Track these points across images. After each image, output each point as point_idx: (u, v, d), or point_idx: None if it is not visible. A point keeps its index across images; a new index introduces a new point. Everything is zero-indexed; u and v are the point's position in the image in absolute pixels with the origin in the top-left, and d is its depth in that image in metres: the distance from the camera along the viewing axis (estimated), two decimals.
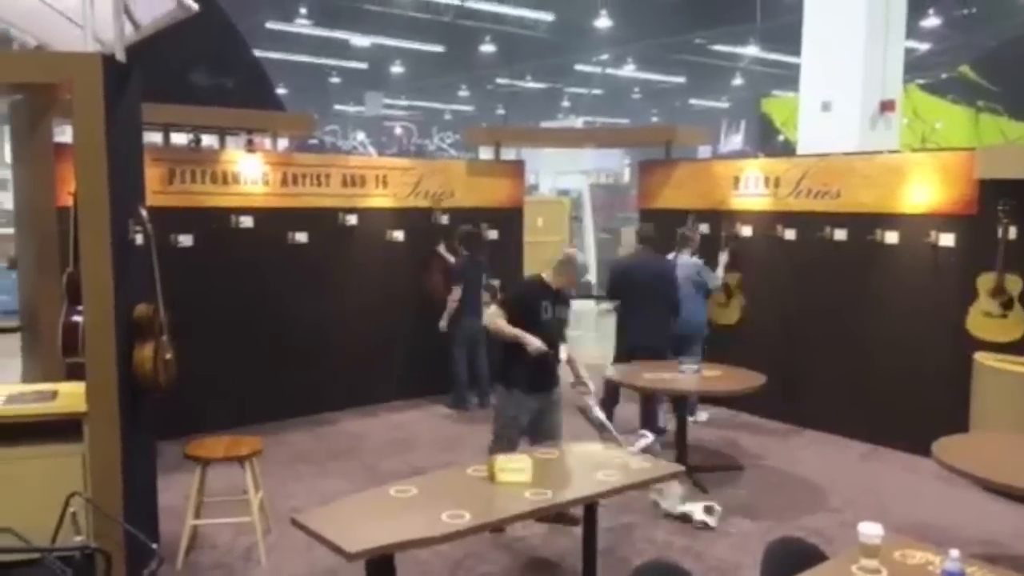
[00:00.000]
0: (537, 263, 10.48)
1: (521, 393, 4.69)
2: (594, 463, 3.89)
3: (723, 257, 7.15)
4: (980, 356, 5.66)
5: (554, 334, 4.74)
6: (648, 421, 6.24)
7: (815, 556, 2.85)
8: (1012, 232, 5.59)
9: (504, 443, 4.64)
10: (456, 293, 7.13)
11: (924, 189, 6.21)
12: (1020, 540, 4.76)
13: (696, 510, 4.89)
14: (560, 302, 4.81)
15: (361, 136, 25.59)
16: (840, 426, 6.58)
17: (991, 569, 2.66)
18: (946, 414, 5.61)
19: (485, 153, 10.01)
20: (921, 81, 14.49)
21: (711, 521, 4.85)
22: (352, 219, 7.16)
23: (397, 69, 22.07)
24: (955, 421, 5.45)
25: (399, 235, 7.44)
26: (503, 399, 4.78)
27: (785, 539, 3.00)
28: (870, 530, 2.76)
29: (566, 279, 4.79)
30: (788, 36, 11.63)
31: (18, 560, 3.19)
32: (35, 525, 2.81)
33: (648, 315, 6.31)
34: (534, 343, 4.53)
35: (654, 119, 29.33)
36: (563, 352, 4.83)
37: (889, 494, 5.44)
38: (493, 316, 4.67)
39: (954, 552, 2.45)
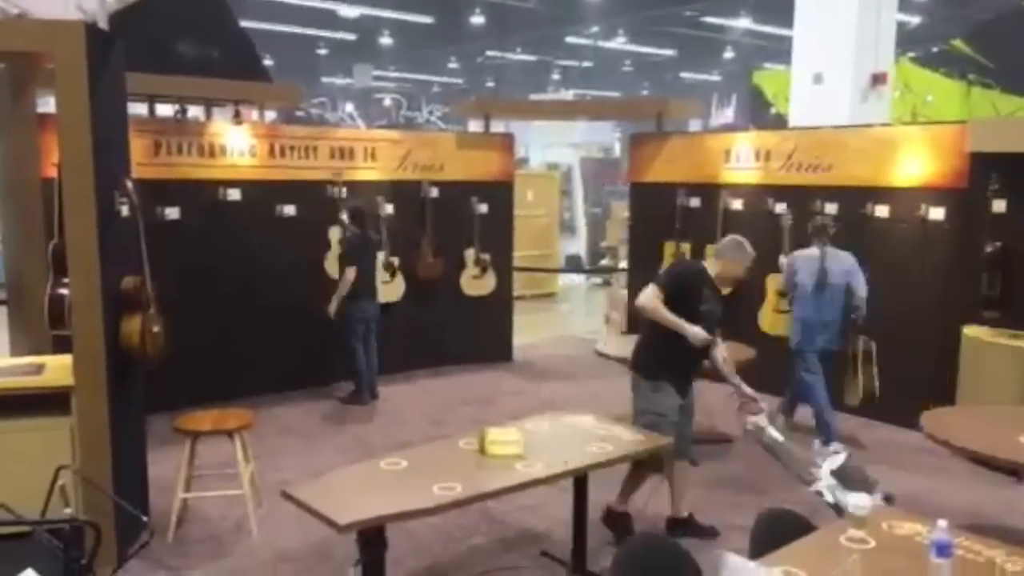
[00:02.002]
0: (527, 237, 10.55)
1: (670, 387, 4.22)
2: (586, 435, 3.89)
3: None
4: (968, 329, 5.69)
5: (712, 329, 4.22)
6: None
7: (804, 527, 2.87)
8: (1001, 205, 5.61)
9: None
10: (351, 274, 6.48)
11: (915, 162, 6.20)
12: (1006, 511, 4.81)
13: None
14: (717, 295, 4.28)
15: (349, 108, 25.38)
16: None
17: (977, 539, 2.68)
18: (935, 387, 5.65)
19: (475, 126, 9.95)
20: (912, 54, 14.45)
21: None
22: (342, 191, 7.10)
23: (386, 40, 21.81)
24: (944, 394, 5.49)
25: (388, 208, 7.39)
26: (646, 394, 4.23)
27: (774, 510, 3.02)
28: (858, 501, 2.78)
29: (731, 268, 4.24)
30: (780, 8, 11.56)
31: (7, 533, 3.19)
32: (24, 498, 2.80)
33: None
34: (698, 332, 4.06)
35: (645, 92, 29.17)
36: (720, 352, 4.35)
37: (877, 466, 5.47)
38: (652, 297, 4.09)
39: (942, 522, 2.46)
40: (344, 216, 6.84)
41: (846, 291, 5.65)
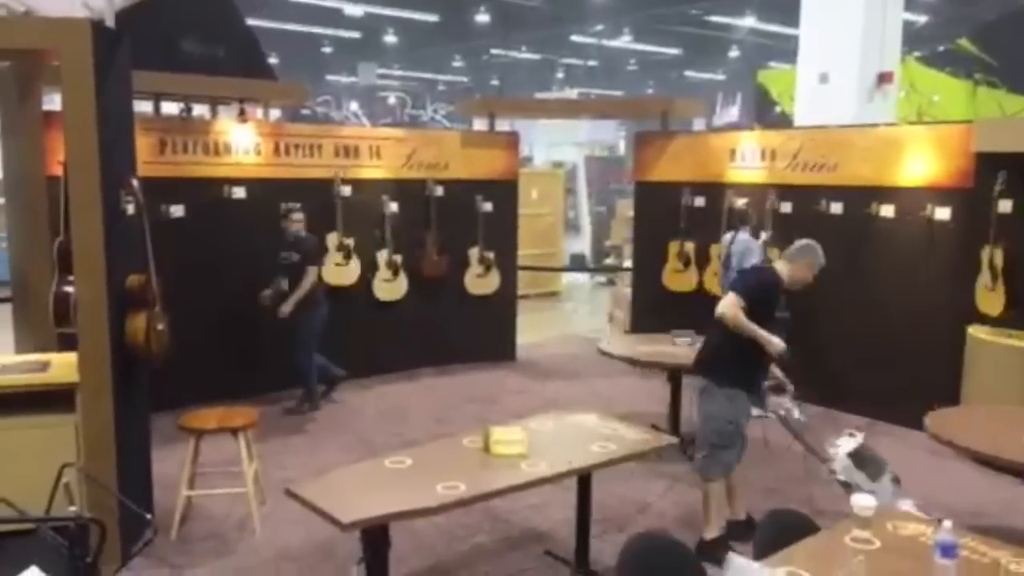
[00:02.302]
0: (531, 235, 10.54)
1: (744, 395, 4.19)
2: (589, 434, 3.89)
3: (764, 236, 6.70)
4: (973, 329, 5.68)
5: (782, 335, 4.23)
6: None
7: (808, 527, 2.87)
8: (1007, 205, 5.60)
9: (731, 454, 4.21)
10: (313, 275, 6.28)
11: (920, 162, 6.19)
12: (1009, 511, 4.80)
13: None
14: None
15: (354, 106, 25.39)
16: (834, 399, 6.61)
17: (982, 540, 2.68)
18: (940, 387, 5.64)
19: (479, 124, 9.94)
20: (918, 53, 14.40)
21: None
22: (345, 190, 7.11)
23: (390, 39, 21.83)
24: (949, 394, 5.48)
25: (393, 206, 7.39)
26: (720, 401, 4.17)
27: (778, 511, 3.01)
28: (863, 501, 2.78)
29: (802, 272, 4.19)
30: (786, 7, 11.54)
31: (12, 531, 3.20)
32: (28, 496, 2.80)
33: None
34: (778, 344, 4.05)
35: (649, 91, 29.15)
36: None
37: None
38: (733, 306, 4.01)
39: (947, 523, 2.46)
40: (291, 216, 6.34)
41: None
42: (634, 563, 2.61)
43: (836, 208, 6.62)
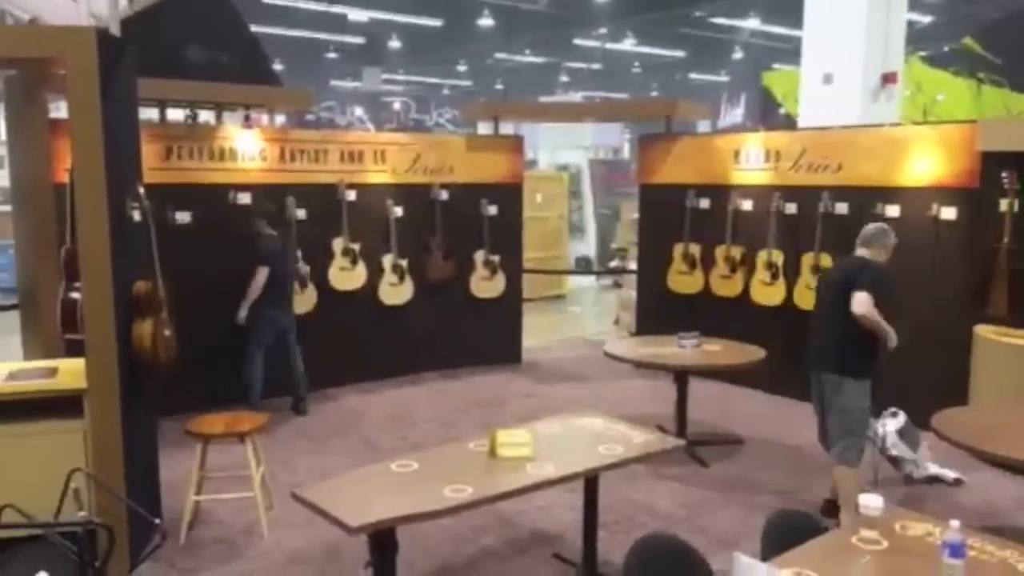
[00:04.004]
0: (536, 239, 10.55)
1: (869, 384, 4.38)
2: (596, 437, 3.89)
3: None
4: (980, 329, 5.66)
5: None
6: None
7: (815, 528, 2.86)
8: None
9: (862, 442, 4.45)
10: (262, 276, 6.15)
11: (926, 162, 6.18)
12: (1019, 511, 4.79)
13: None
14: None
15: (359, 111, 25.45)
16: None
17: (990, 540, 2.67)
18: (948, 387, 5.62)
19: (484, 128, 9.94)
20: (923, 53, 14.38)
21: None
22: (351, 195, 7.12)
23: (395, 44, 21.89)
24: (957, 393, 5.46)
25: (398, 211, 7.41)
26: (854, 392, 4.33)
27: (785, 511, 3.01)
28: (870, 502, 2.77)
29: (885, 256, 4.46)
30: (789, 8, 11.53)
31: (21, 536, 3.21)
32: (37, 501, 2.82)
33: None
34: (894, 338, 4.28)
35: (654, 93, 29.15)
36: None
37: (888, 467, 5.45)
38: (870, 305, 4.16)
39: (954, 523, 2.45)
40: (261, 221, 6.35)
41: None
42: (642, 565, 2.62)
43: (841, 208, 6.60)
